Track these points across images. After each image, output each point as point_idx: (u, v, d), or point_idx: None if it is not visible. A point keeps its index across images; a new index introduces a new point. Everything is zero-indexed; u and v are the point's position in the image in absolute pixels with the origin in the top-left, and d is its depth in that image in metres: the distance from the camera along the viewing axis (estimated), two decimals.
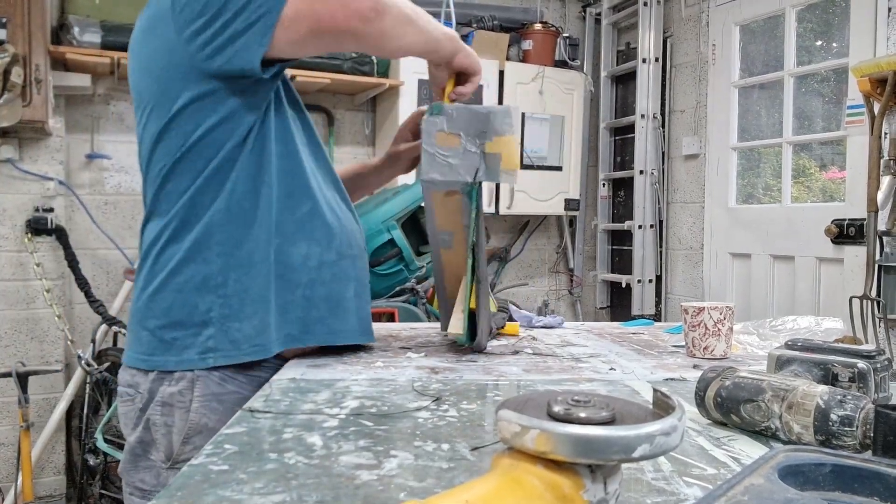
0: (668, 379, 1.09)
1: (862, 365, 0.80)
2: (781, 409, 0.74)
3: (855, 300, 2.51)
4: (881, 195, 2.52)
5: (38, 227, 2.89)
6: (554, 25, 3.82)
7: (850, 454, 0.54)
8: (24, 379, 2.60)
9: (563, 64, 3.74)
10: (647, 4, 3.68)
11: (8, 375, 2.58)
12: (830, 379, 0.82)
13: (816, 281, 2.95)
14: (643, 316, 3.62)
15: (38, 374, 2.71)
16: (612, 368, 1.17)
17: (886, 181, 2.52)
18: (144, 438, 1.12)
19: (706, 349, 1.25)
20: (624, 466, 0.55)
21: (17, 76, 2.57)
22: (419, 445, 0.75)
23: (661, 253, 3.79)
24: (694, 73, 3.61)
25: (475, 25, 3.54)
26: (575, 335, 1.55)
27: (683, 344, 1.31)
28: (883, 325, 2.56)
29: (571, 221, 4.15)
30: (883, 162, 2.52)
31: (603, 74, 4.06)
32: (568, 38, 3.76)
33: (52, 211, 2.92)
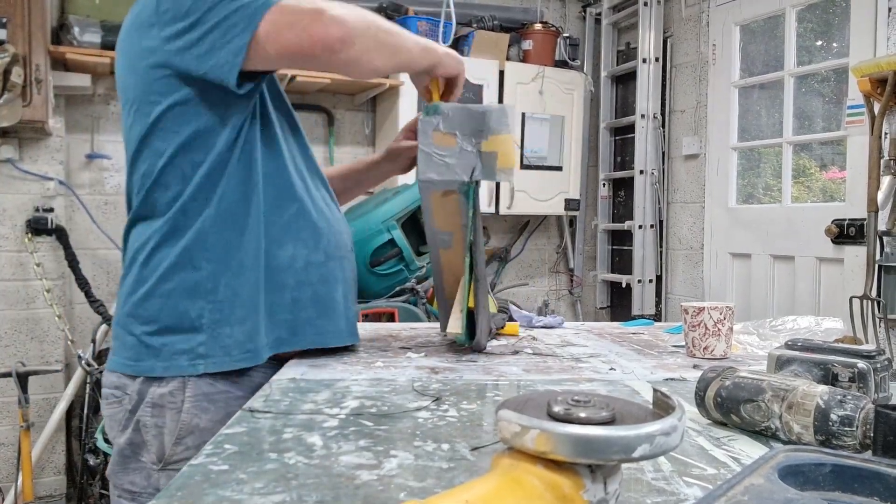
0: (668, 379, 1.10)
1: (862, 365, 0.80)
2: (781, 409, 0.74)
3: (855, 300, 2.50)
4: (881, 195, 2.52)
5: (38, 227, 2.89)
6: (554, 25, 3.82)
7: (850, 454, 0.54)
8: (24, 379, 2.60)
9: (563, 64, 3.74)
10: (647, 4, 3.68)
11: (8, 375, 2.58)
12: (830, 379, 0.82)
13: (816, 281, 2.95)
14: (643, 316, 3.62)
15: (38, 374, 2.71)
16: (612, 368, 1.17)
17: (886, 181, 2.52)
18: (134, 440, 1.11)
19: (706, 349, 1.25)
20: (624, 466, 0.55)
21: (17, 76, 2.57)
22: (419, 445, 0.75)
23: (661, 253, 3.79)
24: (694, 73, 3.61)
25: (475, 25, 3.54)
26: (575, 335, 1.55)
27: (683, 344, 1.31)
28: (883, 325, 2.56)
29: (571, 221, 4.15)
30: (883, 162, 2.52)
31: (603, 74, 4.06)
32: (568, 38, 3.76)
33: (52, 211, 2.92)
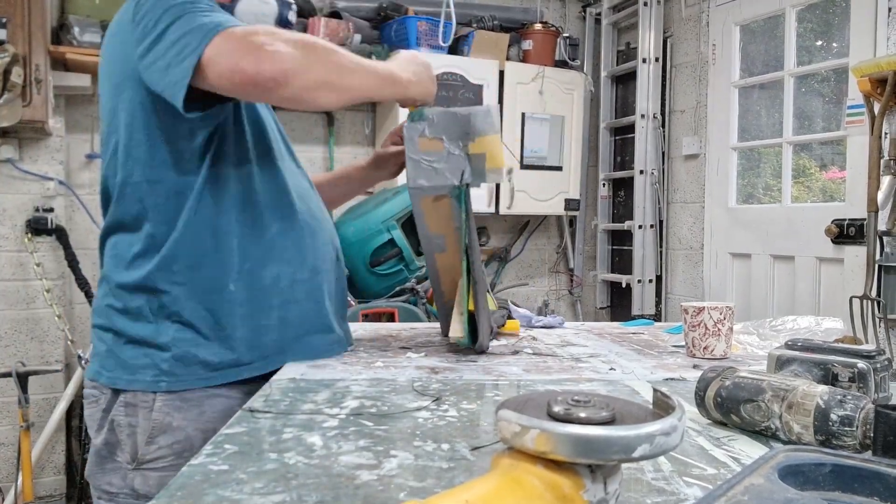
0: (668, 379, 1.10)
1: (862, 365, 0.80)
2: (781, 409, 0.74)
3: (855, 300, 2.50)
4: (881, 195, 2.52)
5: (38, 227, 2.89)
6: (554, 25, 3.82)
7: (850, 454, 0.54)
8: (24, 379, 2.60)
9: (563, 64, 3.74)
10: (647, 4, 3.68)
11: (8, 375, 2.58)
12: (830, 379, 0.82)
13: (816, 281, 2.95)
14: (643, 316, 3.62)
15: (38, 374, 2.71)
16: (612, 368, 1.17)
17: (886, 181, 2.52)
18: (110, 440, 1.11)
19: (706, 349, 1.25)
20: (624, 466, 0.55)
21: (17, 76, 2.57)
22: (419, 445, 0.75)
23: (661, 253, 3.79)
24: (694, 73, 3.61)
25: (475, 25, 3.54)
26: (575, 335, 1.55)
27: (683, 344, 1.31)
28: (883, 325, 2.56)
29: (571, 221, 4.15)
30: (883, 162, 2.52)
31: (603, 74, 4.06)
32: (568, 38, 3.75)
33: (52, 211, 2.92)
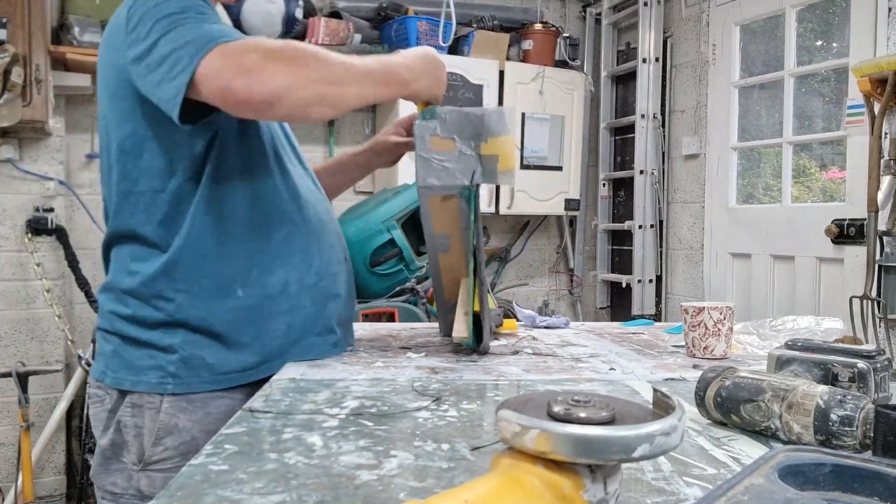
0: (668, 379, 1.09)
1: (862, 365, 0.80)
2: (781, 409, 0.74)
3: (855, 300, 2.50)
4: (881, 195, 2.52)
5: (38, 227, 2.89)
6: (554, 25, 3.82)
7: (850, 454, 0.54)
8: (24, 379, 2.60)
9: (563, 64, 3.74)
10: (647, 4, 3.68)
11: (8, 375, 2.58)
12: (830, 379, 0.82)
13: (816, 281, 2.95)
14: (643, 316, 3.62)
15: (38, 374, 2.71)
16: (612, 368, 1.17)
17: (886, 181, 2.52)
18: (116, 441, 1.11)
19: (706, 349, 1.25)
20: (624, 466, 0.55)
21: (17, 76, 2.57)
22: (419, 445, 0.75)
23: (661, 253, 3.79)
24: (694, 73, 3.61)
25: (475, 25, 3.54)
26: (575, 335, 1.55)
27: (683, 344, 1.31)
28: (883, 325, 2.56)
29: (571, 221, 4.15)
30: (883, 162, 2.52)
31: (603, 74, 4.06)
32: (568, 38, 3.75)
33: (52, 211, 2.92)
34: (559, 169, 3.76)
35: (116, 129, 1.11)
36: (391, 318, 2.60)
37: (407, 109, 3.39)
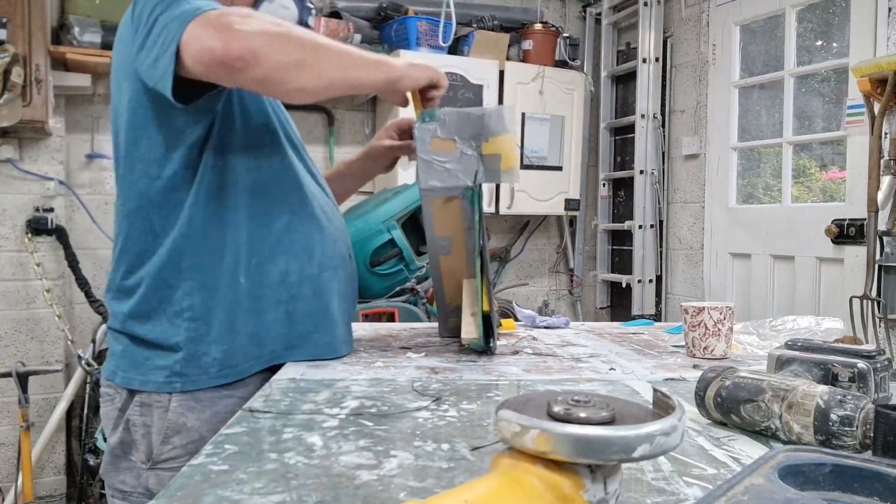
0: (668, 379, 1.09)
1: (862, 365, 0.80)
2: (781, 409, 0.74)
3: (855, 300, 2.50)
4: (881, 195, 2.52)
5: (38, 227, 2.89)
6: (554, 25, 3.82)
7: (850, 454, 0.54)
8: (24, 379, 2.60)
9: (563, 64, 3.74)
10: (647, 4, 3.68)
11: (8, 375, 2.58)
12: (830, 379, 0.82)
13: (816, 281, 2.95)
14: (643, 316, 3.62)
15: (38, 374, 2.71)
16: (612, 368, 1.17)
17: (886, 181, 2.52)
18: (125, 439, 1.12)
19: (706, 349, 1.25)
20: (624, 466, 0.55)
21: (17, 76, 2.57)
22: (419, 445, 0.75)
23: (661, 253, 3.79)
24: (694, 73, 3.61)
25: (475, 25, 3.54)
26: (575, 335, 1.55)
27: (683, 344, 1.31)
28: (883, 325, 2.56)
29: (571, 221, 4.15)
30: (883, 162, 2.52)
31: (603, 74, 4.06)
32: (568, 38, 3.75)
33: (52, 211, 2.92)
34: (559, 169, 3.76)
35: (122, 119, 1.12)
36: (391, 318, 2.60)
37: (406, 111, 3.38)
